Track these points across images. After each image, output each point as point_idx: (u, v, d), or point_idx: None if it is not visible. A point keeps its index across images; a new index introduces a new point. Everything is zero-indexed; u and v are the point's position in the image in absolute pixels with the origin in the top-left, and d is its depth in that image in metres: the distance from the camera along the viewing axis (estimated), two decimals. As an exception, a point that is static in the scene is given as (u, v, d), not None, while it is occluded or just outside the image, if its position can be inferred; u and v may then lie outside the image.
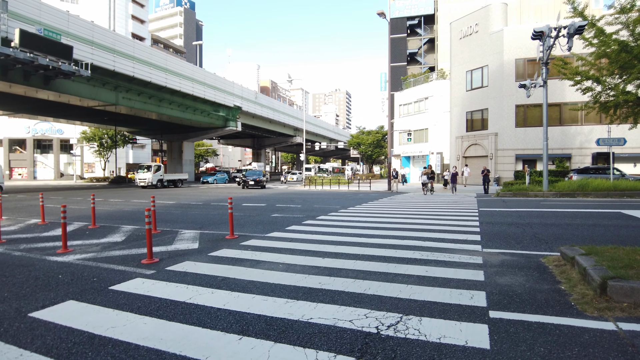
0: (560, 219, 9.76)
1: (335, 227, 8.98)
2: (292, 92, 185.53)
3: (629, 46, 16.85)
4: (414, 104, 40.34)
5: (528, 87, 20.76)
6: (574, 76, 18.50)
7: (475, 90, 32.72)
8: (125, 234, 8.57)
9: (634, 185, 16.76)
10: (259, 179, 32.38)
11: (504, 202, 15.22)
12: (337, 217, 10.85)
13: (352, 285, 4.56)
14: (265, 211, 12.70)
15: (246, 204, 15.42)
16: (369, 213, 11.77)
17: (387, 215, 11.00)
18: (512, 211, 11.65)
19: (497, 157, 30.62)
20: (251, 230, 8.81)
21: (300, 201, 16.88)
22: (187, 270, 5.38)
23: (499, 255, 6.01)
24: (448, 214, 11.25)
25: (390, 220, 9.88)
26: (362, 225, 9.19)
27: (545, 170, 18.32)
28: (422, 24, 46.95)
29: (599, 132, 27.80)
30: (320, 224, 9.55)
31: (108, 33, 31.79)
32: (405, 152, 41.29)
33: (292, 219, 10.46)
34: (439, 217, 10.33)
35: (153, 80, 35.90)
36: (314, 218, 10.61)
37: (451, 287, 4.42)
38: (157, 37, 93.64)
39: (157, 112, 38.89)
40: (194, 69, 42.38)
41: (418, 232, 8.13)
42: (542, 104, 29.33)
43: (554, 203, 14.32)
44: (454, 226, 8.81)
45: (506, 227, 8.67)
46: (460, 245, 6.71)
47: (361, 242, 7.17)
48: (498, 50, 30.71)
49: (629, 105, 18.18)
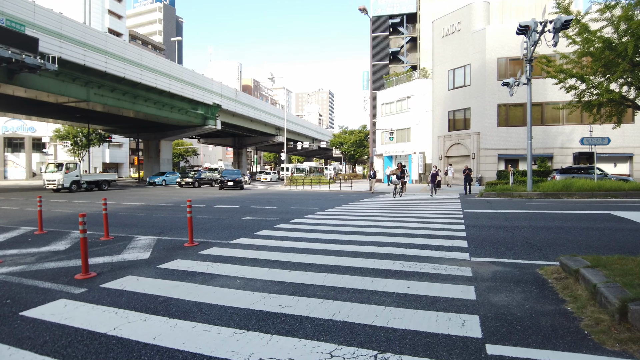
0: (549, 221, 9.18)
1: (309, 231, 8.18)
2: (275, 92, 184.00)
3: (614, 43, 16.59)
4: (396, 103, 39.88)
5: (511, 85, 20.37)
6: (558, 74, 18.17)
7: (458, 89, 32.40)
8: (72, 241, 7.58)
9: (617, 185, 16.47)
10: (238, 179, 30.31)
11: (489, 203, 14.68)
12: (313, 220, 10.05)
13: (318, 308, 3.76)
14: (237, 213, 11.82)
15: (219, 206, 14.49)
16: (347, 215, 11.02)
17: (367, 218, 10.26)
18: (498, 213, 11.06)
19: (480, 157, 30.33)
20: (215, 235, 7.93)
21: (277, 202, 16.03)
22: (125, 289, 4.50)
23: (489, 265, 5.31)
24: (431, 216, 10.58)
25: (369, 224, 9.14)
26: (339, 229, 8.41)
27: (529, 170, 17.92)
28: (404, 22, 46.55)
29: (580, 131, 27.76)
30: (293, 228, 8.73)
31: (78, 25, 30.25)
32: (387, 151, 40.80)
33: (264, 223, 9.62)
34: (422, 220, 9.65)
35: (127, 76, 34.45)
36: (287, 221, 9.79)
37: (437, 310, 3.66)
38: (135, 34, 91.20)
39: (132, 109, 37.43)
40: (171, 65, 40.99)
41: (399, 237, 7.39)
42: (524, 103, 29.29)
43: (540, 204, 13.83)
44: (438, 230, 8.12)
45: (494, 231, 8.02)
46: (446, 253, 5.99)
47: (336, 249, 6.39)
48: (480, 49, 30.42)
49: (612, 104, 17.96)
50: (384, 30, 47.38)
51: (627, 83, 17.06)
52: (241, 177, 31.10)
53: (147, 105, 38.85)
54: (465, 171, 21.84)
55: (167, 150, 52.17)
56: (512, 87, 20.61)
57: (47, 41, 27.01)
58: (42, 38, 26.20)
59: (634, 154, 27.03)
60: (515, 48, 28.68)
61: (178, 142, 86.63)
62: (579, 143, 27.87)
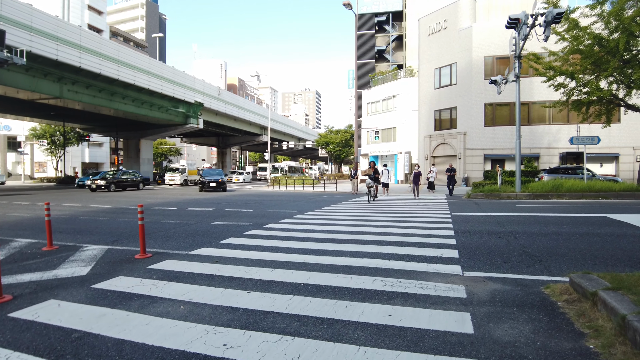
0: (545, 226, 8.48)
1: (282, 239, 7.32)
2: (261, 91, 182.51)
3: (604, 40, 16.12)
4: (382, 102, 39.27)
5: (499, 83, 19.81)
6: (547, 71, 17.68)
7: (444, 88, 31.89)
8: (8, 252, 6.57)
9: (608, 186, 16.00)
10: (221, 180, 27.32)
11: (477, 205, 14.02)
12: (289, 225, 9.18)
13: (273, 349, 2.90)
14: (208, 217, 10.88)
15: (192, 209, 13.51)
16: (326, 220, 10.18)
17: (347, 223, 9.44)
18: (488, 216, 10.35)
19: (466, 157, 29.84)
20: (175, 245, 7.00)
21: (255, 205, 15.12)
22: (37, 319, 3.56)
23: (485, 282, 4.52)
24: (417, 220, 9.81)
25: (349, 230, 8.31)
26: (316, 236, 7.57)
27: (518, 170, 17.36)
28: (390, 20, 45.96)
29: (567, 131, 27.47)
30: (265, 234, 7.86)
31: (49, 18, 28.78)
32: (373, 151, 40.15)
33: (235, 229, 8.71)
34: (407, 225, 8.86)
35: (103, 72, 33.07)
36: (261, 227, 8.90)
37: (427, 351, 2.84)
38: (116, 30, 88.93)
39: (109, 107, 36.02)
40: (150, 62, 39.65)
41: (382, 245, 6.58)
42: (511, 102, 28.94)
43: (531, 206, 13.21)
44: (424, 237, 7.34)
45: (486, 237, 7.27)
46: (435, 266, 5.19)
47: (308, 262, 5.53)
48: (467, 47, 29.94)
49: (602, 102, 17.52)
50: (369, 28, 46.75)
51: (617, 81, 16.62)
52: (224, 178, 28.44)
53: (124, 102, 37.48)
54: (448, 171, 20.59)
55: (147, 149, 50.72)
56: (500, 85, 20.06)
57: (16, 34, 25.61)
58: (10, 31, 24.81)
59: (620, 154, 26.84)
60: (502, 46, 28.27)
61: (161, 141, 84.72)
62: (565, 143, 27.66)
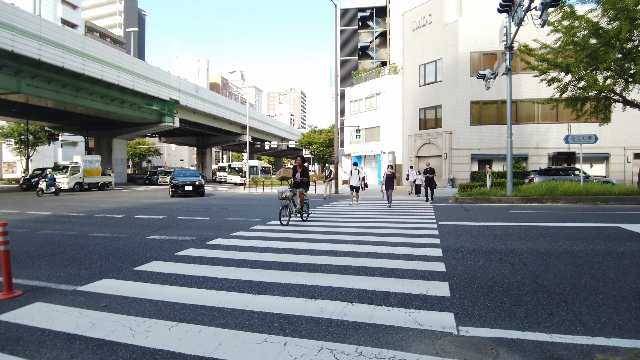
0: (553, 241, 6.91)
1: (217, 263, 5.57)
2: (245, 90, 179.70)
3: (602, 29, 14.78)
4: (365, 100, 37.74)
5: (487, 77, 18.40)
6: (541, 64, 16.31)
7: (429, 85, 30.50)
8: None
9: (606, 189, 14.64)
10: (199, 183, 21.86)
11: (467, 211, 12.46)
12: (237, 241, 7.41)
13: None
14: (148, 229, 9.04)
15: (140, 216, 11.64)
16: (285, 234, 8.47)
17: (311, 237, 7.75)
18: (482, 227, 8.76)
19: (452, 157, 28.49)
20: (70, 274, 5.16)
21: (216, 211, 13.31)
22: None
23: (493, 348, 2.87)
24: (396, 232, 8.17)
25: (308, 248, 6.61)
26: (264, 258, 5.85)
27: (509, 171, 15.91)
28: (373, 16, 44.44)
29: (556, 130, 26.34)
30: (201, 256, 6.07)
31: (4, 6, 26.42)
32: (356, 151, 38.59)
33: (168, 246, 6.91)
34: (383, 241, 7.20)
35: (66, 66, 30.75)
36: (202, 243, 7.11)
37: None
38: (92, 25, 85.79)
39: (73, 103, 33.64)
40: (121, 56, 37.35)
41: (343, 276, 4.86)
42: (499, 100, 27.65)
43: (527, 212, 11.71)
44: (404, 259, 5.68)
45: (484, 260, 5.64)
46: (416, 316, 3.51)
47: (234, 308, 3.80)
48: (453, 42, 28.61)
49: (599, 98, 16.21)
50: (352, 24, 45.17)
51: (614, 75, 15.30)
52: (202, 180, 23.02)
53: (92, 99, 35.13)
54: (426, 172, 16.88)
55: (120, 149, 48.32)
56: (489, 80, 18.65)
57: (-38, 22, 23.29)
58: (-45, 18, 22.50)
59: (611, 155, 25.79)
60: (489, 42, 27.00)
61: (139, 141, 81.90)
62: (554, 143, 26.49)
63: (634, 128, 25.37)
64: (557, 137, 26.25)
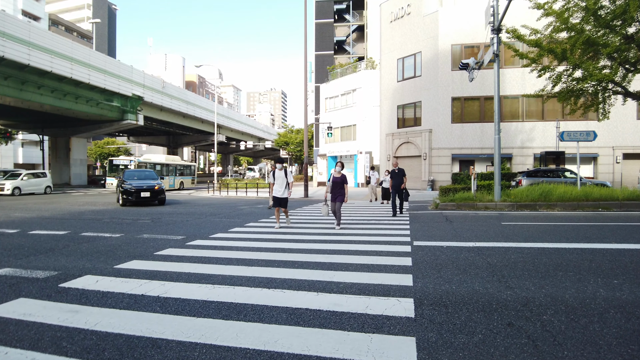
0: (578, 278, 4.67)
1: (70, 318, 3.13)
2: (223, 89, 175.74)
3: (605, 7, 12.84)
4: (341, 97, 35.50)
5: (471, 67, 16.32)
6: (532, 51, 14.32)
7: (408, 80, 28.45)
8: None
9: (608, 193, 12.67)
10: (158, 188, 17.31)
11: (450, 222, 10.21)
12: (114, 284, 4.95)
13: None
14: (19, 253, 6.46)
15: (36, 232, 8.99)
16: (202, 262, 6.05)
17: (249, 260, 5.38)
18: (471, 250, 6.48)
19: (432, 157, 26.48)
20: None
21: (144, 223, 10.75)
22: None
23: None
24: (348, 263, 5.85)
25: (242, 274, 4.24)
26: (171, 303, 3.43)
27: (497, 173, 13.80)
28: (350, 8, 42.21)
29: (541, 129, 24.65)
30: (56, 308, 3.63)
31: None
32: (331, 151, 36.30)
33: (27, 284, 4.40)
34: (337, 263, 4.89)
35: (8, 56, 27.53)
36: (56, 287, 4.62)
37: None
38: (57, 19, 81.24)
39: (19, 98, 30.37)
40: (74, 46, 34.09)
41: (275, 327, 2.53)
42: (481, 96, 25.60)
43: (523, 225, 9.53)
44: (357, 306, 3.37)
45: (483, 329, 3.32)
46: None
47: None
48: (432, 34, 26.62)
49: (599, 90, 14.28)
50: (328, 17, 42.87)
51: (615, 64, 13.37)
52: (162, 184, 18.24)
53: (41, 93, 31.84)
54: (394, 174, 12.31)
55: (80, 149, 44.86)
56: (472, 71, 16.58)
57: None
58: None
59: (599, 155, 24.19)
60: (471, 34, 25.10)
61: (108, 140, 77.90)
62: (540, 142, 24.71)
63: (623, 126, 23.84)
64: (542, 136, 24.55)
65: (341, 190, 9.10)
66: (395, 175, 12.35)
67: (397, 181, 12.23)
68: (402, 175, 12.36)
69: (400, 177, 12.32)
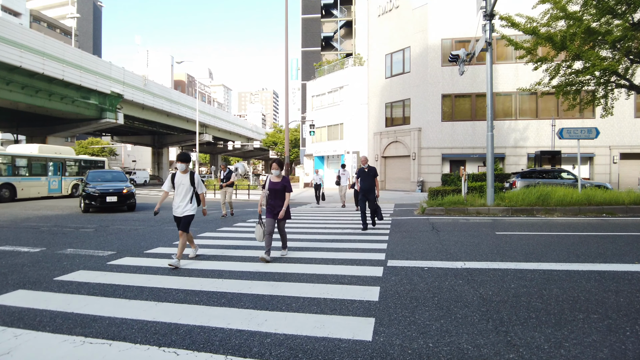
0: (601, 311, 3.37)
1: None
2: (214, 89, 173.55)
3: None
4: (328, 95, 34.12)
5: (462, 59, 15.04)
6: (527, 40, 13.06)
7: (396, 77, 27.16)
8: None
9: (612, 197, 11.41)
10: (128, 191, 15.00)
11: (436, 231, 8.86)
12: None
13: None
14: None
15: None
16: (140, 278, 4.64)
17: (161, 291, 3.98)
18: (459, 274, 5.12)
19: (421, 157, 25.20)
20: None
21: (95, 229, 9.29)
22: None
23: None
24: (305, 285, 4.48)
25: (139, 318, 2.85)
26: None
27: (489, 175, 12.49)
28: (338, 3, 40.87)
29: (535, 127, 23.48)
30: None
31: None
32: (318, 151, 34.90)
33: None
34: (263, 315, 3.52)
35: (-30, 49, 25.79)
36: None
37: None
38: (39, 15, 78.92)
39: (-17, 94, 28.59)
40: (46, 40, 32.31)
41: None
42: (472, 93, 24.30)
43: (521, 236, 8.21)
44: None
45: None
46: None
47: None
48: (422, 28, 25.35)
49: (601, 82, 13.07)
50: (315, 12, 41.48)
51: (620, 55, 12.16)
52: (132, 187, 15.71)
53: (10, 89, 30.06)
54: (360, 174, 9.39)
55: (57, 149, 42.83)
56: (462, 64, 15.31)
57: None
58: None
59: (595, 154, 23.07)
60: (462, 28, 23.86)
61: (92, 140, 75.85)
62: (534, 141, 23.50)
63: (620, 125, 22.75)
64: (537, 135, 23.39)
65: (281, 202, 6.20)
66: (365, 176, 9.23)
67: (367, 184, 9.17)
68: (373, 176, 9.24)
69: (371, 178, 9.22)
